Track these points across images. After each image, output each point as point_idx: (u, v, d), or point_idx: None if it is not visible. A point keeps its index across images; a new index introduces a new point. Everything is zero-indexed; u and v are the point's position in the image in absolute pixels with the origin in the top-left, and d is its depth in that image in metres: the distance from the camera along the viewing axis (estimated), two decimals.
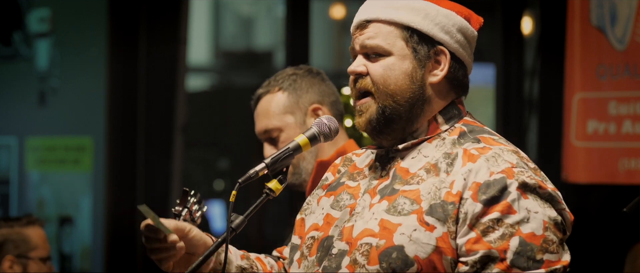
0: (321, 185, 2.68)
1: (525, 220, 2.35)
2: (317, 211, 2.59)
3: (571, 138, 5.32)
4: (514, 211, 2.35)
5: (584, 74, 5.28)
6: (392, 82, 2.48)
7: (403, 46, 2.49)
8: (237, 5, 9.99)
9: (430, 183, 2.42)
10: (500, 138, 2.51)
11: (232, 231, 2.47)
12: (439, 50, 2.50)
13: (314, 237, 2.54)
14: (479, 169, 2.39)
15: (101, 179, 6.64)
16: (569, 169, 5.28)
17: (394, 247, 2.37)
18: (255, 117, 3.42)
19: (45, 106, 6.93)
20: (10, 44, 7.09)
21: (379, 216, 2.42)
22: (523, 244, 2.33)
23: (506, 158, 2.41)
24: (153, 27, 6.56)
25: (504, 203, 2.35)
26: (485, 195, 2.36)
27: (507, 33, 6.07)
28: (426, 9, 2.51)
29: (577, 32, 5.31)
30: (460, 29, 2.53)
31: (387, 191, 2.46)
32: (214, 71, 9.95)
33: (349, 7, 8.11)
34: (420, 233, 2.37)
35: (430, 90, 2.50)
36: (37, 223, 4.17)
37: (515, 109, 6.08)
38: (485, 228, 2.34)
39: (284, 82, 3.40)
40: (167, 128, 6.53)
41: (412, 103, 2.48)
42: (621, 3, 5.15)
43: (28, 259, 4.06)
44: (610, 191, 5.30)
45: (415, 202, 2.40)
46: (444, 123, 2.52)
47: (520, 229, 2.33)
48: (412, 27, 2.49)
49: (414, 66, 2.49)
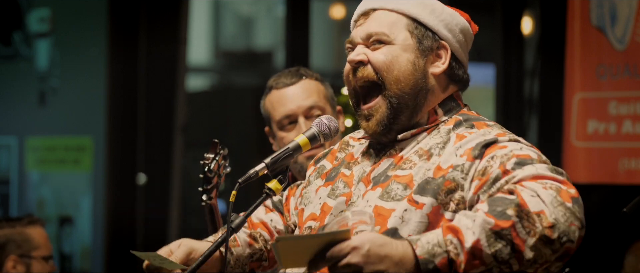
0: (319, 174, 2.68)
1: (518, 149, 2.37)
2: (314, 201, 2.60)
3: (571, 138, 5.32)
4: (505, 146, 2.38)
5: (584, 74, 5.28)
6: (395, 68, 2.49)
7: (407, 36, 2.51)
8: (237, 5, 9.98)
9: (422, 167, 2.44)
10: (496, 124, 2.52)
11: (232, 231, 2.47)
12: (441, 44, 2.53)
13: (311, 227, 2.55)
14: (470, 139, 2.42)
15: (101, 179, 6.65)
16: (569, 170, 5.28)
17: (388, 230, 2.38)
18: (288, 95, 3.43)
19: (45, 106, 6.93)
20: (10, 44, 7.09)
21: (373, 203, 2.44)
22: (520, 159, 2.34)
23: (498, 131, 2.45)
24: (153, 27, 6.56)
25: (494, 145, 2.38)
26: (477, 150, 2.38)
27: (507, 33, 6.07)
28: (433, 5, 2.54)
29: (577, 32, 5.31)
30: (462, 30, 2.57)
31: (380, 179, 2.48)
32: (214, 71, 9.95)
33: (349, 7, 8.10)
34: (411, 212, 2.38)
35: (432, 80, 2.53)
36: (38, 222, 4.18)
37: (515, 109, 6.08)
38: (483, 168, 2.36)
39: (318, 77, 3.49)
40: (167, 128, 6.54)
41: (417, 91, 2.50)
42: (621, 3, 5.15)
43: (31, 258, 4.07)
44: (610, 191, 5.30)
45: (407, 186, 2.42)
46: (442, 114, 2.54)
47: (515, 153, 2.36)
48: (418, 20, 2.52)
49: (417, 56, 2.51)
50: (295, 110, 3.41)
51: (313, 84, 3.45)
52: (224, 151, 3.15)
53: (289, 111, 3.41)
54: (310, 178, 2.68)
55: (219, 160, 3.15)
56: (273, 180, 2.52)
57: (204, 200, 3.26)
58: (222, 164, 3.19)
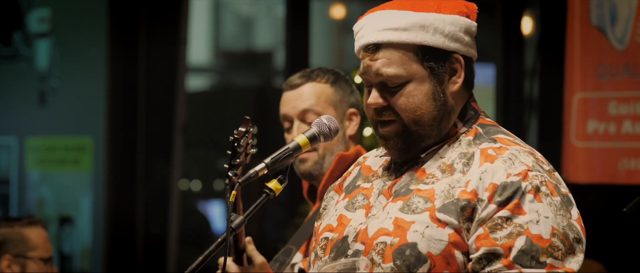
0: (332, 188, 2.68)
1: (534, 222, 2.35)
2: (331, 213, 2.60)
3: (571, 138, 5.32)
4: (524, 212, 2.36)
5: (584, 74, 5.28)
6: (417, 109, 2.47)
7: (419, 68, 2.47)
8: (237, 5, 9.98)
9: (445, 183, 2.42)
10: (516, 138, 2.52)
11: (232, 231, 2.47)
12: (454, 59, 2.49)
13: (328, 238, 2.54)
14: (496, 170, 2.40)
15: (101, 179, 6.64)
16: (569, 169, 5.28)
17: (408, 244, 2.38)
18: (288, 98, 3.43)
19: (45, 106, 6.93)
20: (10, 44, 7.09)
21: (393, 215, 2.43)
22: (529, 244, 2.33)
23: (523, 160, 2.42)
24: (153, 27, 6.56)
25: (515, 202, 2.36)
26: (500, 197, 2.37)
27: (507, 33, 6.07)
28: (434, 23, 2.48)
29: (577, 32, 5.31)
30: (467, 30, 2.52)
31: (402, 192, 2.47)
32: (214, 71, 9.95)
33: (349, 7, 8.10)
34: (432, 229, 2.37)
35: (451, 100, 2.50)
36: (39, 223, 4.16)
37: (515, 109, 6.08)
38: (494, 225, 2.35)
39: (330, 78, 3.45)
40: (167, 128, 6.53)
41: (440, 120, 2.49)
42: (621, 3, 5.15)
43: (27, 259, 4.04)
44: (610, 191, 5.30)
45: (428, 201, 2.41)
46: (462, 125, 2.52)
47: (529, 229, 2.34)
48: (424, 46, 2.47)
49: (434, 84, 2.48)
50: (290, 112, 3.42)
51: (317, 87, 3.43)
52: (253, 129, 3.10)
53: (284, 112, 3.43)
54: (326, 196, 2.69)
55: (249, 138, 3.09)
56: (273, 179, 2.52)
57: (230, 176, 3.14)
58: (250, 142, 3.12)
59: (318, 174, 3.41)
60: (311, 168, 3.39)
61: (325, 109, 3.41)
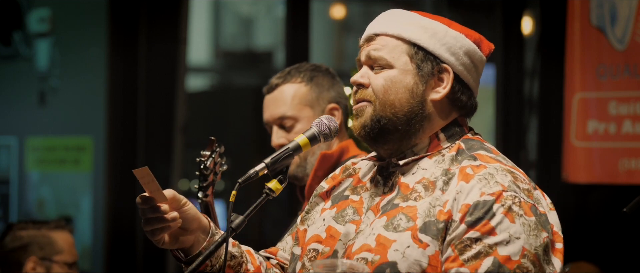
0: (317, 193, 2.68)
1: (504, 243, 2.34)
2: (318, 222, 2.60)
3: (571, 138, 5.32)
4: (495, 233, 2.35)
5: (584, 74, 5.28)
6: (392, 93, 2.50)
7: (407, 61, 2.51)
8: (237, 5, 9.99)
9: (426, 202, 2.43)
10: (498, 154, 2.51)
11: (232, 231, 2.47)
12: (443, 68, 2.51)
13: (317, 250, 2.55)
14: (470, 189, 2.39)
15: (101, 179, 6.65)
16: (569, 169, 5.28)
17: (388, 263, 2.38)
18: (267, 103, 3.46)
19: (45, 106, 6.93)
20: (10, 44, 7.09)
21: (376, 231, 2.44)
22: (496, 265, 2.32)
23: (499, 180, 2.40)
24: (153, 27, 6.56)
25: (485, 223, 2.35)
26: (471, 217, 2.36)
27: (507, 33, 6.07)
28: (435, 29, 2.53)
29: (577, 32, 5.31)
30: (467, 52, 2.53)
31: (388, 207, 2.48)
32: (214, 71, 9.96)
33: (349, 7, 8.11)
34: (413, 250, 2.38)
35: (431, 107, 2.52)
36: (66, 228, 4.17)
37: (515, 109, 6.08)
38: (463, 246, 2.35)
39: (306, 76, 3.46)
40: (167, 128, 6.54)
41: (410, 118, 2.50)
42: (621, 3, 5.16)
43: (52, 262, 4.05)
44: (610, 191, 5.30)
45: (411, 219, 2.41)
46: (445, 140, 2.53)
47: (497, 250, 2.33)
48: (418, 44, 2.51)
49: (416, 82, 2.50)
50: (268, 119, 3.44)
51: (292, 89, 3.43)
52: (220, 148, 3.18)
53: (264, 119, 3.46)
54: (311, 201, 2.69)
55: (216, 158, 3.18)
56: (273, 179, 2.52)
57: (200, 197, 3.28)
58: (218, 161, 3.22)
59: (302, 176, 3.41)
60: (294, 171, 3.40)
61: (300, 111, 3.41)
